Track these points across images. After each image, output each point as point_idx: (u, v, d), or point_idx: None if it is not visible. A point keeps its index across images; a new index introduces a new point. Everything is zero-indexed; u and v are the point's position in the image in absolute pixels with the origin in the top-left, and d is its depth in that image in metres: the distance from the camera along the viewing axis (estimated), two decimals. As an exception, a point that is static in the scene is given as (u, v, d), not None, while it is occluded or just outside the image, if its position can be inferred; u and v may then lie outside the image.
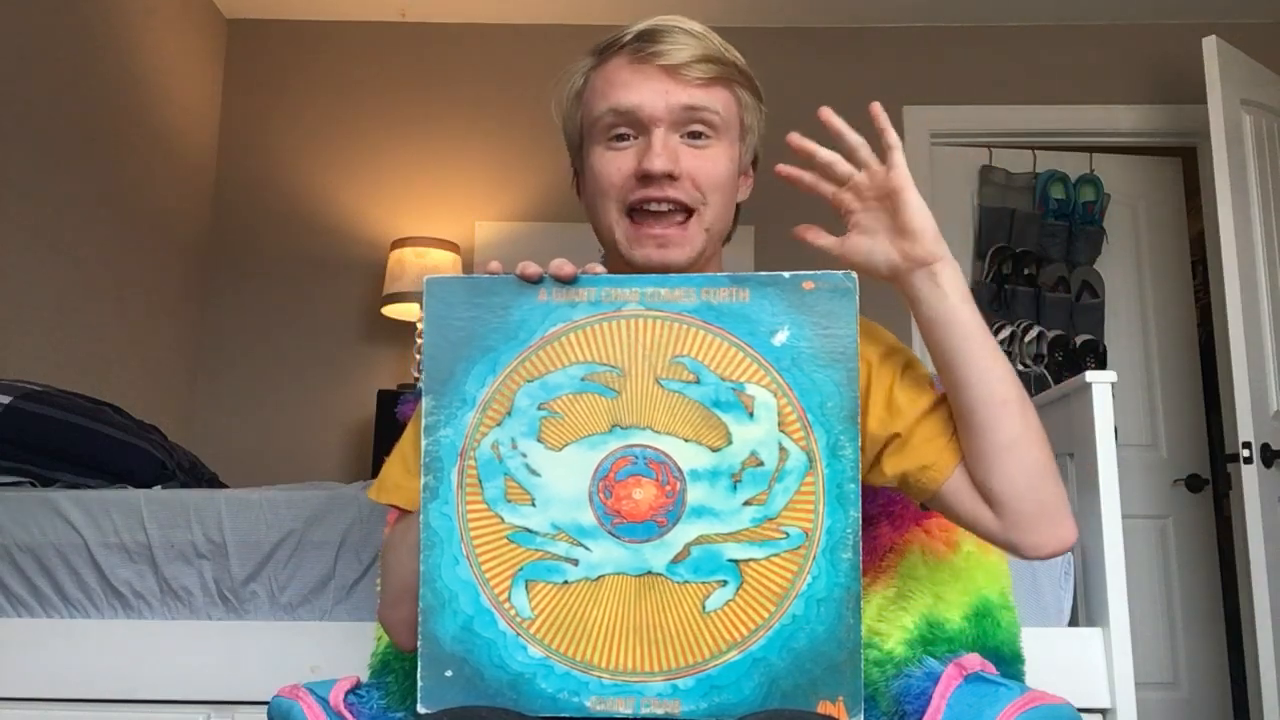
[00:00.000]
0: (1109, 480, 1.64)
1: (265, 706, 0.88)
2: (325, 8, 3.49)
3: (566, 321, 0.82)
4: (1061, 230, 3.44)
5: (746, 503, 0.80)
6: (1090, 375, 1.67)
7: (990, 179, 3.46)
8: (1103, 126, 3.44)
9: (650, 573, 0.80)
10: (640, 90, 0.96)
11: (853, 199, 0.92)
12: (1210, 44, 2.80)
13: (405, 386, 3.11)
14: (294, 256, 3.40)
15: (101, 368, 2.77)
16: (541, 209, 3.40)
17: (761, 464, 0.80)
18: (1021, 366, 3.31)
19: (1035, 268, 3.41)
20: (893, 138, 0.90)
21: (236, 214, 3.44)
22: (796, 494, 0.80)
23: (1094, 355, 3.33)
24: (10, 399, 1.94)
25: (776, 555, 0.79)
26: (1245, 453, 2.57)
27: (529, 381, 0.82)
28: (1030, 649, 1.33)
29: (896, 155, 0.89)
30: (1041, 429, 0.90)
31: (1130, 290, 3.47)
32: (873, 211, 0.91)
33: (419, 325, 3.10)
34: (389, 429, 2.29)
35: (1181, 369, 3.42)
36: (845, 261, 0.91)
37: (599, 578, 0.80)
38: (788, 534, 0.80)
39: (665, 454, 0.81)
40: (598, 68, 1.01)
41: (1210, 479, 3.32)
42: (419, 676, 0.80)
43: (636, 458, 0.81)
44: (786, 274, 0.82)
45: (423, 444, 0.82)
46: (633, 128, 0.97)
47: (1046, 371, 3.33)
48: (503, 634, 0.80)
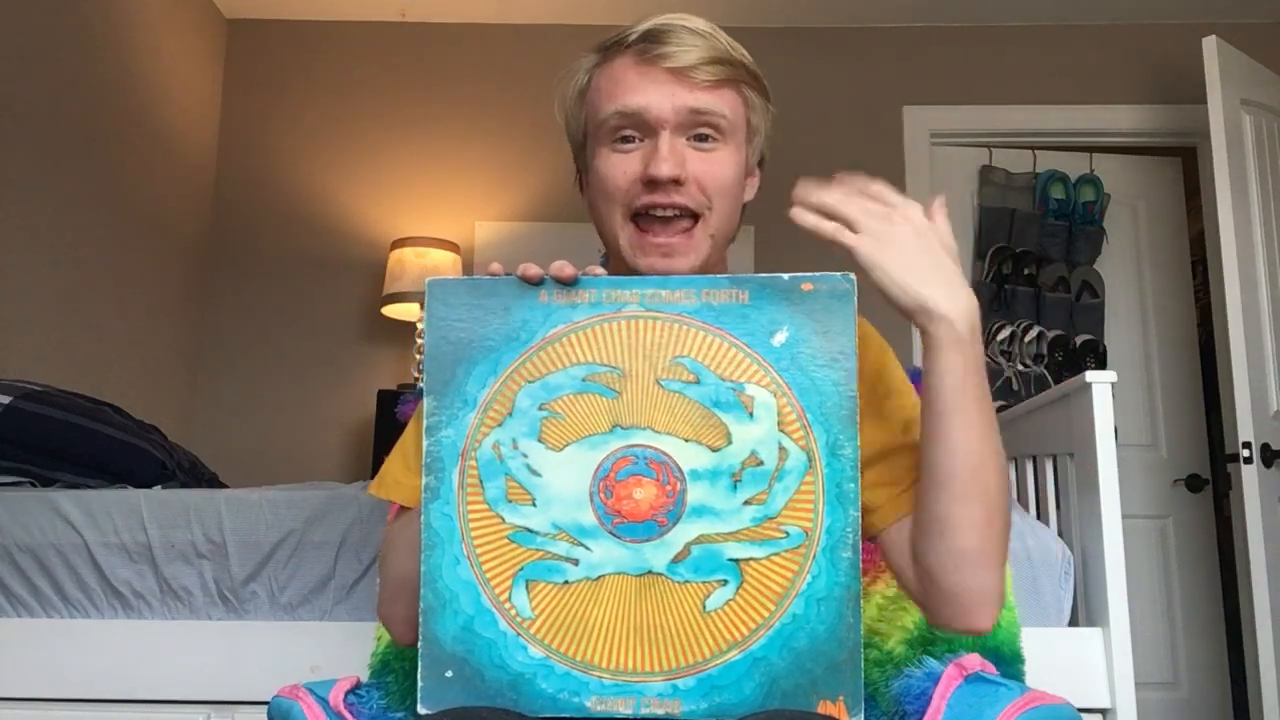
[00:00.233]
0: (1109, 480, 1.64)
1: (265, 706, 0.88)
2: (325, 8, 3.49)
3: (567, 323, 0.82)
4: (1061, 230, 3.44)
5: (747, 502, 0.80)
6: (1090, 375, 1.67)
7: (990, 179, 3.46)
8: (1103, 126, 3.44)
9: (651, 572, 0.80)
10: (646, 92, 0.94)
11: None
12: (1210, 44, 2.80)
13: (405, 386, 3.11)
14: (294, 256, 3.40)
15: (101, 368, 2.77)
16: (541, 209, 3.40)
17: (761, 463, 0.80)
18: (1021, 366, 3.31)
19: (1035, 268, 3.41)
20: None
21: (236, 214, 3.44)
22: (796, 493, 0.80)
23: (1094, 355, 3.33)
24: (10, 399, 1.94)
25: (776, 554, 0.79)
26: (1245, 453, 2.57)
27: (530, 382, 0.82)
28: (1030, 649, 1.33)
29: (857, 241, 0.83)
30: (1003, 515, 0.85)
31: (1130, 290, 3.47)
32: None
33: (419, 325, 3.10)
34: (389, 429, 2.29)
35: (1181, 369, 3.42)
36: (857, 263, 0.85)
37: (599, 577, 0.80)
38: (788, 533, 0.80)
39: (666, 454, 0.81)
40: (602, 66, 0.99)
41: (1210, 479, 3.32)
42: (419, 677, 0.80)
43: (637, 458, 0.81)
44: (786, 276, 0.82)
45: (424, 444, 0.82)
46: (639, 130, 0.95)
47: (1046, 371, 3.33)
48: (503, 634, 0.80)
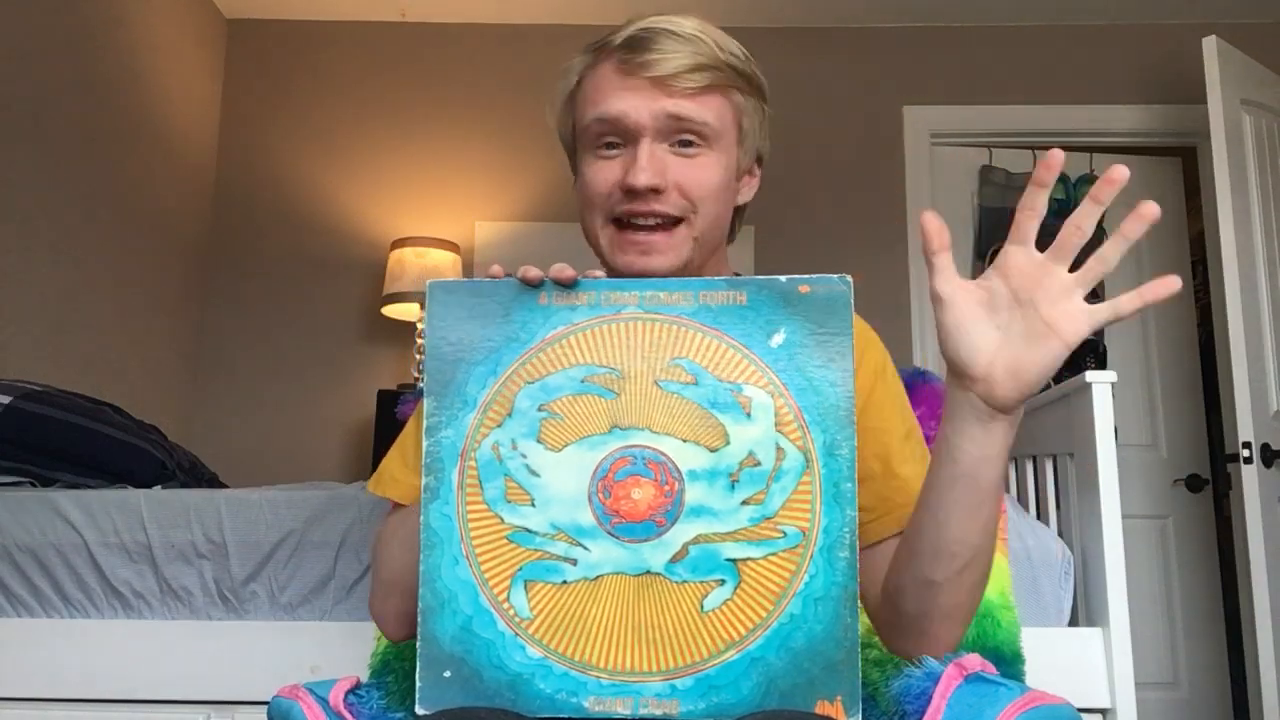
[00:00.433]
0: (1109, 480, 1.64)
1: (265, 706, 0.88)
2: (325, 8, 3.49)
3: (567, 324, 0.83)
4: (1061, 230, 3.44)
5: (744, 502, 0.80)
6: (1090, 375, 1.67)
7: (990, 179, 3.46)
8: (1103, 126, 3.44)
9: (649, 572, 0.80)
10: (626, 100, 0.94)
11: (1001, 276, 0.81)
12: (1210, 44, 2.80)
13: (405, 386, 3.11)
14: (294, 256, 3.40)
15: (101, 368, 2.78)
16: (541, 209, 3.40)
17: (759, 464, 0.80)
18: (1022, 366, 3.31)
19: (1035, 268, 3.40)
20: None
21: (236, 214, 3.44)
22: (794, 493, 0.80)
23: (1094, 355, 3.33)
24: (10, 399, 1.94)
25: (774, 554, 0.80)
26: (1245, 453, 2.57)
27: (529, 383, 0.82)
28: (1030, 649, 1.33)
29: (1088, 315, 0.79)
30: (981, 582, 0.85)
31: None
32: (1003, 298, 0.81)
33: (419, 325, 3.10)
34: (389, 429, 2.29)
35: (1181, 369, 3.42)
36: (948, 314, 0.79)
37: (598, 577, 0.80)
38: (785, 533, 0.80)
39: (664, 454, 0.81)
40: (589, 70, 0.99)
41: (1210, 479, 3.32)
42: (417, 677, 0.80)
43: (635, 458, 0.81)
44: (783, 277, 0.82)
45: (424, 445, 0.82)
46: (620, 136, 0.95)
47: (1046, 371, 3.33)
48: (501, 634, 0.80)
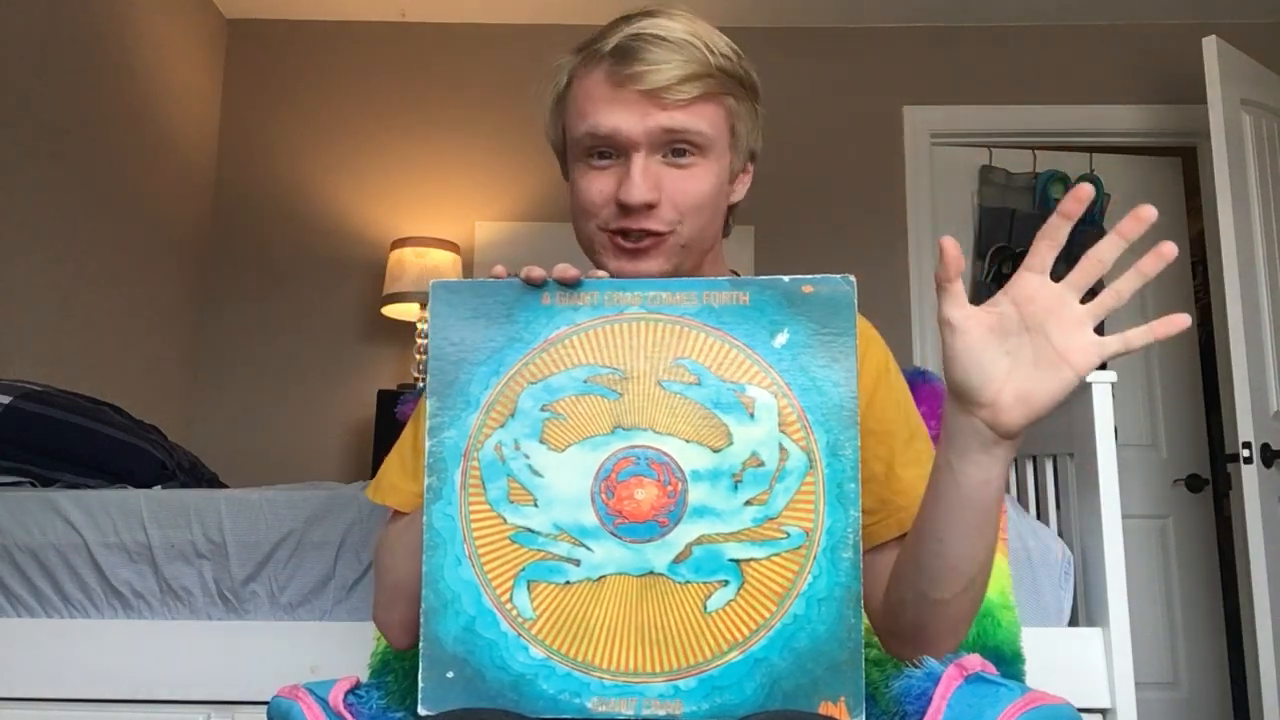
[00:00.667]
0: (1109, 480, 1.64)
1: (265, 706, 0.88)
2: (325, 8, 3.49)
3: (570, 324, 0.83)
4: (1061, 230, 3.44)
5: (748, 503, 0.80)
6: (1090, 375, 1.67)
7: (990, 179, 3.46)
8: (1103, 126, 3.44)
9: (652, 573, 0.80)
10: (617, 115, 0.93)
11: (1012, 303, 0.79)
12: (1210, 44, 2.80)
13: (405, 386, 3.11)
14: (294, 256, 3.40)
15: (101, 368, 2.77)
16: (541, 209, 3.40)
17: (762, 464, 0.80)
18: (1021, 366, 3.32)
19: (1035, 268, 3.41)
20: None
21: (236, 214, 3.44)
22: (797, 494, 0.80)
23: (1093, 355, 3.33)
24: (10, 399, 1.94)
25: (777, 555, 0.79)
26: (1245, 453, 2.57)
27: (532, 383, 0.82)
28: (1030, 649, 1.33)
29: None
30: (981, 595, 0.86)
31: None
32: (1013, 324, 0.79)
33: (419, 325, 3.10)
34: (389, 429, 2.29)
35: (1181, 369, 3.42)
36: (958, 340, 0.77)
37: (601, 578, 0.80)
38: (788, 533, 0.80)
39: (667, 454, 0.81)
40: (579, 74, 0.98)
41: (1210, 479, 3.33)
42: (420, 678, 0.80)
43: (638, 458, 0.81)
44: (786, 278, 0.82)
45: (426, 445, 0.82)
46: (612, 149, 0.95)
47: (1046, 371, 3.33)
48: (504, 635, 0.80)
